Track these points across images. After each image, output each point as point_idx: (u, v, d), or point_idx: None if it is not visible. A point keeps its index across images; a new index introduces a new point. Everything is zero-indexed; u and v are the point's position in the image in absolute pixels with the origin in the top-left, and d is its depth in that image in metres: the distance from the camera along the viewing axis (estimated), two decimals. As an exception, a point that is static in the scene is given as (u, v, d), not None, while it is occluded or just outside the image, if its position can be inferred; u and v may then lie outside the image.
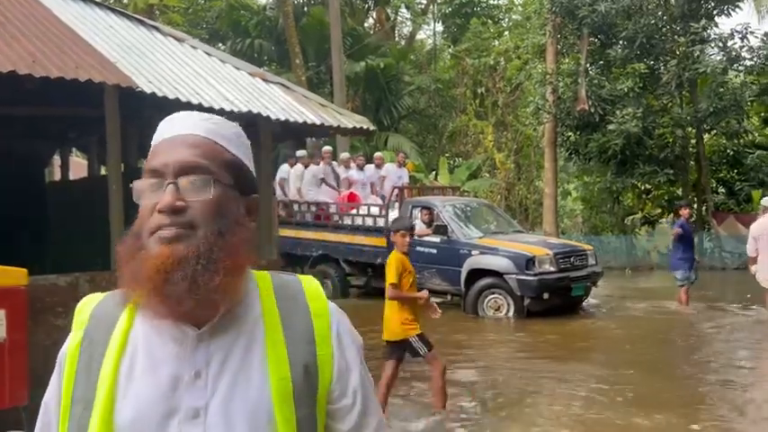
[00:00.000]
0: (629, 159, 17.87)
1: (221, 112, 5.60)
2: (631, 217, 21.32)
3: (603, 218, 21.51)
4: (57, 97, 5.67)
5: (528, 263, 9.93)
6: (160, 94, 5.22)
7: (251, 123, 6.59)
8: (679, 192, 19.81)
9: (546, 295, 9.90)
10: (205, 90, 5.77)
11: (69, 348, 1.03)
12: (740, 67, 17.65)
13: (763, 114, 20.82)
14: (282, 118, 6.01)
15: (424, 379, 6.01)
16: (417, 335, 5.18)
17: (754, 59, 17.24)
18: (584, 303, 11.07)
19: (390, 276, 5.09)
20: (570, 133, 19.10)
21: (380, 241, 11.64)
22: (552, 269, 9.98)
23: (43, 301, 4.85)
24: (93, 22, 6.29)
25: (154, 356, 0.98)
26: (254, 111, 5.85)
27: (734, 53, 17.08)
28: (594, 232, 21.22)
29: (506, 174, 23.23)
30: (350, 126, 6.52)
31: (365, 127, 6.81)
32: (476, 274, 10.35)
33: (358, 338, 1.11)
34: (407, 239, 5.20)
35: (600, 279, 11.19)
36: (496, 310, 10.24)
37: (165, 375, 0.97)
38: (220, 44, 24.28)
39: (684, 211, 10.79)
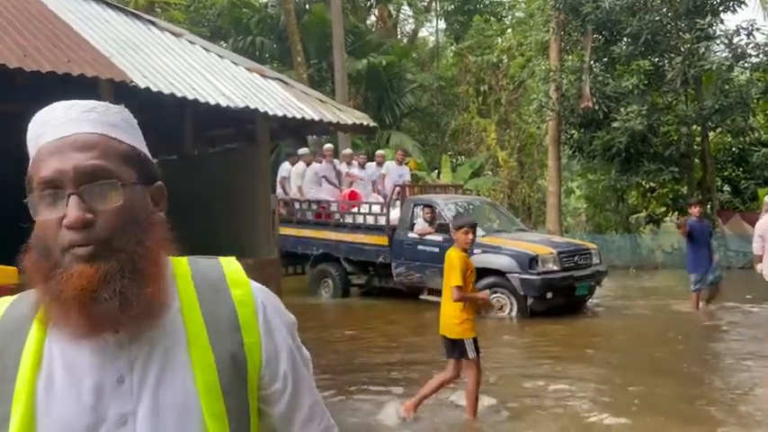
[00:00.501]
0: (634, 157, 17.70)
1: (218, 108, 5.48)
2: (636, 215, 21.14)
3: (607, 216, 21.34)
4: (49, 93, 5.55)
5: (531, 262, 9.80)
6: (155, 89, 5.09)
7: (249, 120, 6.48)
8: (684, 190, 19.64)
9: (549, 295, 9.77)
10: (201, 85, 5.65)
11: None
12: (746, 65, 17.46)
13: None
14: (280, 114, 5.88)
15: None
16: (473, 338, 5.14)
17: (761, 56, 17.05)
18: (588, 303, 10.93)
19: (456, 278, 4.97)
20: (574, 131, 18.93)
21: (382, 240, 11.51)
22: (556, 268, 9.86)
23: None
24: (88, 17, 6.17)
25: (74, 368, 0.93)
26: (252, 106, 5.73)
27: (739, 50, 16.89)
28: (598, 231, 21.04)
29: (509, 172, 23.07)
30: (350, 122, 6.39)
31: (365, 123, 6.68)
32: (478, 273, 10.18)
33: (288, 318, 1.07)
34: (470, 236, 5.11)
35: (604, 278, 11.05)
36: (499, 309, 10.11)
37: (87, 387, 0.92)
38: (222, 42, 24.15)
39: (694, 209, 10.30)
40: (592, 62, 17.60)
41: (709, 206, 18.85)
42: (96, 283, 0.88)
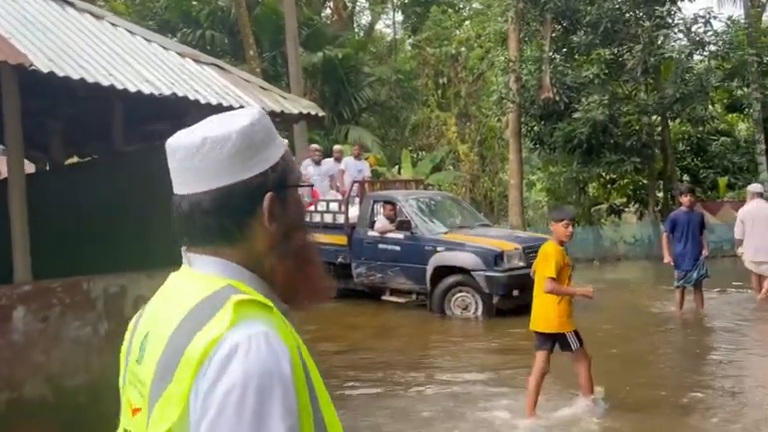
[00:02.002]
0: (595, 148, 17.45)
1: (139, 95, 4.80)
2: (597, 207, 20.97)
3: (569, 209, 21.10)
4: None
5: (496, 258, 9.34)
6: (61, 73, 4.40)
7: (183, 113, 5.80)
8: (645, 181, 19.50)
9: (516, 292, 9.33)
10: (121, 70, 4.96)
11: (294, 367, 0.94)
12: (705, 53, 17.35)
13: (725, 101, 20.67)
14: (214, 102, 5.23)
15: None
16: (574, 331, 5.13)
17: (719, 44, 16.95)
18: None
19: (549, 269, 4.92)
20: (534, 123, 18.60)
21: (341, 239, 10.91)
22: (521, 264, 9.41)
23: None
24: (-11, -5, 5.42)
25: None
26: (180, 93, 5.06)
27: (698, 38, 16.76)
28: (561, 223, 20.80)
29: (470, 166, 22.69)
30: (295, 112, 5.77)
31: (313, 113, 6.06)
32: (442, 271, 9.71)
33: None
34: (570, 229, 5.07)
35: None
36: (464, 309, 9.63)
37: None
38: (170, 35, 23.18)
39: (685, 198, 9.31)
40: (551, 52, 17.27)
41: (669, 196, 18.76)
42: None
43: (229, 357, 0.91)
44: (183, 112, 5.99)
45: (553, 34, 17.44)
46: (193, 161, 1.03)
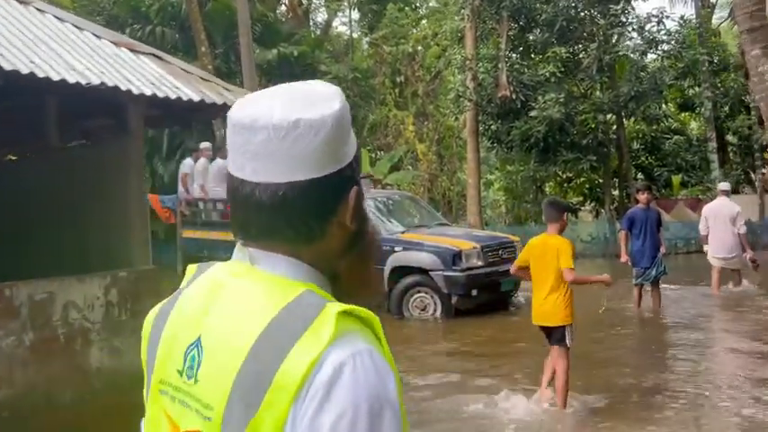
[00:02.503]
0: (552, 147, 17.48)
1: (65, 85, 4.42)
2: (554, 206, 21.03)
3: (527, 207, 21.15)
4: None
5: (455, 258, 9.14)
6: (-30, 59, 3.99)
7: (120, 105, 5.42)
8: (601, 179, 19.64)
9: (475, 292, 9.15)
10: (44, 58, 4.56)
11: (399, 388, 0.85)
12: (658, 51, 17.55)
13: (678, 100, 20.97)
14: (148, 93, 4.87)
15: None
16: (572, 324, 5.16)
17: (671, 43, 17.15)
18: (513, 298, 10.40)
19: (567, 261, 4.99)
20: (492, 122, 18.54)
21: None
22: (480, 263, 9.24)
23: None
24: None
25: None
26: (111, 83, 4.69)
27: (651, 37, 16.92)
28: (518, 222, 20.84)
29: (428, 165, 22.54)
30: (220, 102, 5.43)
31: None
32: (400, 271, 9.47)
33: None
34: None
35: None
36: (423, 309, 9.41)
37: None
38: (119, 32, 22.43)
39: (642, 196, 9.25)
40: (508, 50, 17.22)
41: (625, 194, 18.93)
42: None
43: (334, 380, 0.80)
44: (122, 105, 5.62)
45: (509, 32, 17.39)
46: (281, 145, 0.88)
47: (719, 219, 9.79)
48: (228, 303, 0.90)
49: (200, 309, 0.92)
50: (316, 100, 0.91)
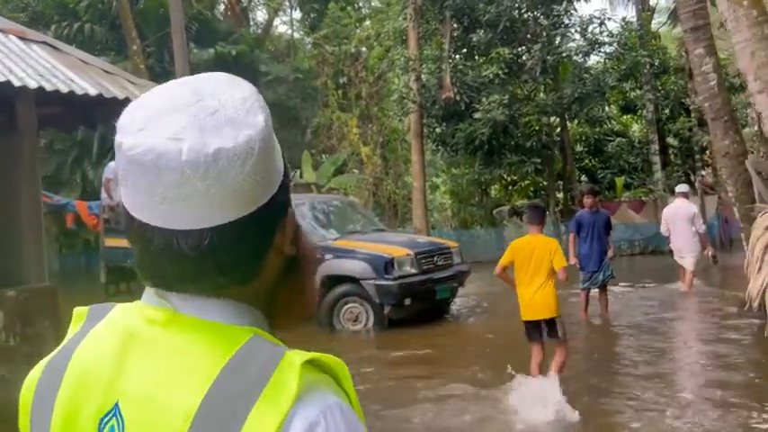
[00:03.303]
0: (497, 149, 17.24)
1: None
2: (499, 209, 20.86)
3: (472, 211, 20.89)
4: None
5: (386, 266, 8.63)
6: None
7: (6, 100, 4.70)
8: (545, 182, 19.55)
9: (408, 301, 8.68)
10: None
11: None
12: (601, 53, 17.54)
13: (620, 102, 21.07)
14: (33, 85, 4.19)
15: None
16: (560, 317, 5.48)
17: (614, 45, 17.14)
18: (451, 306, 9.97)
19: (563, 260, 5.31)
20: (436, 124, 18.20)
21: None
22: (414, 271, 8.78)
23: None
24: None
25: None
26: (-15, 74, 4.00)
27: (594, 38, 16.88)
28: (464, 226, 20.55)
29: (373, 168, 22.04)
30: (122, 97, 4.80)
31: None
32: (331, 280, 8.92)
33: None
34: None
35: (467, 278, 10.13)
36: (354, 321, 8.89)
37: None
38: (45, 29, 21.25)
39: (588, 200, 8.99)
40: (451, 51, 16.90)
41: (569, 196, 18.86)
42: None
43: None
44: (8, 100, 4.91)
45: (453, 33, 17.09)
46: (199, 186, 0.70)
47: (678, 220, 10.14)
48: (152, 360, 0.74)
49: (112, 367, 0.75)
50: (233, 115, 0.72)
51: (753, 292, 5.84)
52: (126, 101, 4.82)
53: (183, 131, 0.70)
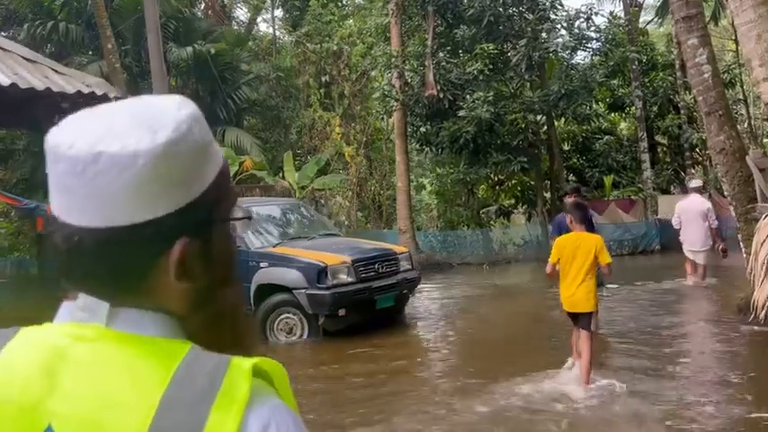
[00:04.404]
0: (482, 148, 16.77)
1: None
2: (486, 209, 20.39)
3: (459, 211, 20.42)
4: None
5: (319, 274, 8.10)
6: None
7: None
8: (532, 182, 19.09)
9: (342, 311, 8.14)
10: None
11: None
12: (588, 49, 17.09)
13: (608, 99, 20.66)
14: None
15: None
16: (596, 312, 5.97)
17: (601, 41, 16.71)
18: (399, 316, 9.40)
19: (608, 257, 5.67)
20: (421, 123, 17.71)
21: None
22: (350, 279, 8.24)
23: None
24: None
25: None
26: None
27: (580, 34, 16.43)
28: (451, 227, 20.08)
29: (357, 169, 21.52)
30: (72, 91, 4.29)
31: (104, 93, 4.58)
32: (266, 290, 8.40)
33: None
34: None
35: (416, 285, 9.59)
36: (289, 332, 8.37)
37: None
38: (17, 27, 20.66)
39: (569, 199, 8.11)
40: (434, 47, 16.42)
41: (557, 196, 18.41)
42: None
43: None
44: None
45: (436, 29, 16.61)
46: (76, 181, 0.74)
47: (691, 214, 10.29)
48: (89, 379, 0.72)
49: (39, 388, 0.73)
50: (137, 126, 0.74)
51: (760, 301, 5.37)
52: (48, 90, 4.31)
53: (89, 130, 0.74)
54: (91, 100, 4.46)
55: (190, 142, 0.75)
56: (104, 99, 4.51)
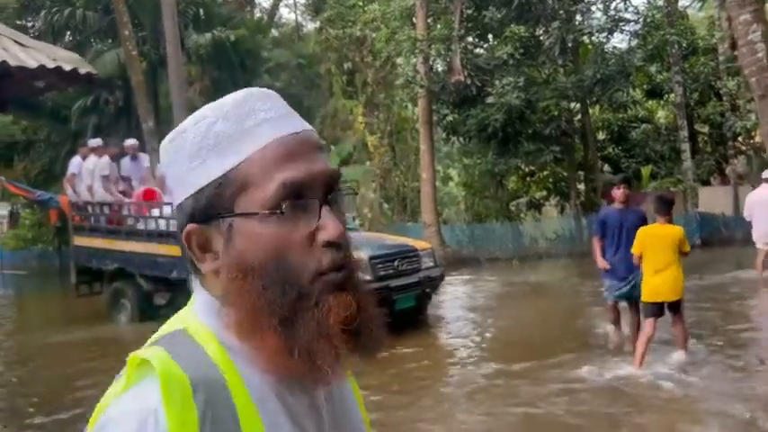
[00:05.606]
0: (512, 137, 15.93)
1: None
2: (516, 201, 19.54)
3: (487, 204, 19.58)
4: None
5: None
6: None
7: None
8: (565, 173, 18.20)
9: None
10: None
11: None
12: (625, 31, 16.10)
13: (645, 86, 19.61)
14: None
15: None
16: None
17: (639, 23, 15.70)
18: (421, 317, 8.64)
19: (688, 246, 5.88)
20: (447, 110, 16.91)
21: (175, 250, 8.63)
22: (366, 277, 7.47)
23: None
24: None
25: (295, 414, 0.78)
26: None
27: (617, 16, 15.46)
28: (479, 220, 19.27)
29: (381, 159, 20.80)
30: (32, 65, 3.66)
31: (83, 72, 3.94)
32: None
33: None
34: None
35: (440, 283, 8.82)
36: None
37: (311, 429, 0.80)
38: (35, 15, 20.30)
39: (618, 191, 6.75)
40: (462, 30, 15.59)
41: (592, 188, 17.51)
42: (355, 318, 0.76)
43: None
44: None
45: (463, 10, 15.77)
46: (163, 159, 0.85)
47: (763, 206, 10.02)
48: None
49: None
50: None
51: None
52: (21, 68, 3.67)
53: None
54: (59, 76, 3.83)
55: (216, 119, 0.78)
56: (73, 75, 3.88)
